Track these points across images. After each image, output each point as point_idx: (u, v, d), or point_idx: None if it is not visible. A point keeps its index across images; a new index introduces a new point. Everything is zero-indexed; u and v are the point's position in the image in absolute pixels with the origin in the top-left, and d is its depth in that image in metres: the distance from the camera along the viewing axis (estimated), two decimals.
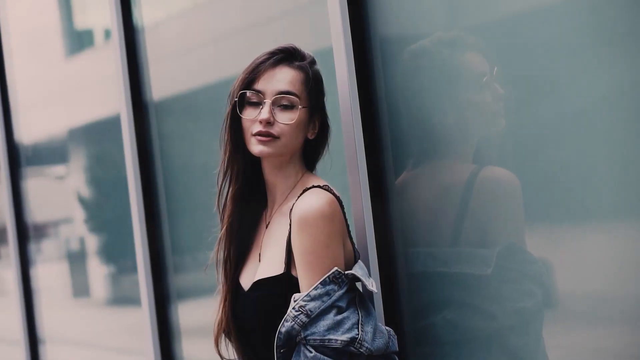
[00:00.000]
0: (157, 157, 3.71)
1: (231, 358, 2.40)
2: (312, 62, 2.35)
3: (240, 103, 2.31)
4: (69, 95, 4.65)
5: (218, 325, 2.36)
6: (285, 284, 2.23)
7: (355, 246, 2.31)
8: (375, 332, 2.20)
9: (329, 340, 2.14)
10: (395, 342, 2.26)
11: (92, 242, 4.70)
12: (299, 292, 2.20)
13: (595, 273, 2.15)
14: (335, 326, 2.15)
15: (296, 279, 2.22)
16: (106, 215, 4.43)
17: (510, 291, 2.30)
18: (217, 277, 2.39)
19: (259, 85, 2.29)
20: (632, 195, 2.04)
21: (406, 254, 2.51)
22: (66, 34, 4.78)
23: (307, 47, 2.37)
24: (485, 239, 2.34)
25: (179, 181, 3.72)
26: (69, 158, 4.88)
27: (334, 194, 2.24)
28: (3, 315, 5.51)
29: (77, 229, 4.84)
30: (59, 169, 5.06)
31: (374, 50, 2.55)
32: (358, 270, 2.22)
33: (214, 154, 2.40)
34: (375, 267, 2.49)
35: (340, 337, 2.14)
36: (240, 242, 2.39)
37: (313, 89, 2.32)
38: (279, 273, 2.25)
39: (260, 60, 2.32)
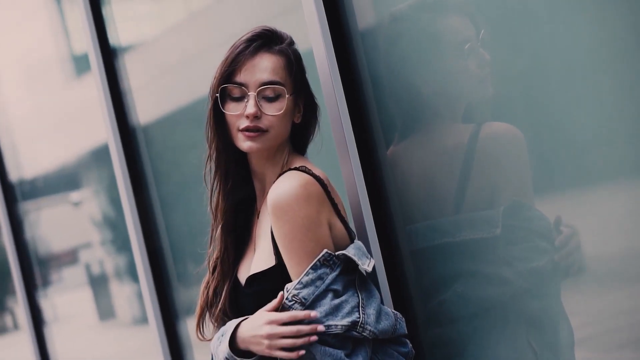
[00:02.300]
0: (149, 174, 3.65)
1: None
2: (291, 42, 2.23)
3: (222, 98, 2.19)
4: (72, 121, 4.61)
5: (201, 311, 2.26)
6: (279, 276, 2.12)
7: (349, 226, 2.18)
8: (380, 314, 2.08)
9: (329, 326, 2.03)
10: (404, 324, 2.14)
11: (113, 263, 4.67)
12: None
13: (613, 233, 2.04)
14: (334, 311, 2.04)
15: None
16: (123, 236, 4.38)
17: (521, 251, 2.17)
18: (209, 275, 2.28)
19: (241, 77, 2.17)
20: None
21: (407, 230, 2.39)
22: (64, 60, 4.74)
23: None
24: (491, 200, 2.22)
25: (175, 195, 3.66)
26: (83, 183, 4.84)
27: (312, 174, 2.11)
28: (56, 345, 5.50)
29: (97, 252, 4.80)
30: (74, 195, 5.01)
31: (349, 14, 2.42)
32: (350, 250, 2.10)
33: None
34: (377, 248, 2.37)
35: (339, 322, 2.03)
36: (236, 238, 2.28)
37: (297, 72, 2.20)
38: (270, 266, 2.15)
39: (238, 50, 2.18)
